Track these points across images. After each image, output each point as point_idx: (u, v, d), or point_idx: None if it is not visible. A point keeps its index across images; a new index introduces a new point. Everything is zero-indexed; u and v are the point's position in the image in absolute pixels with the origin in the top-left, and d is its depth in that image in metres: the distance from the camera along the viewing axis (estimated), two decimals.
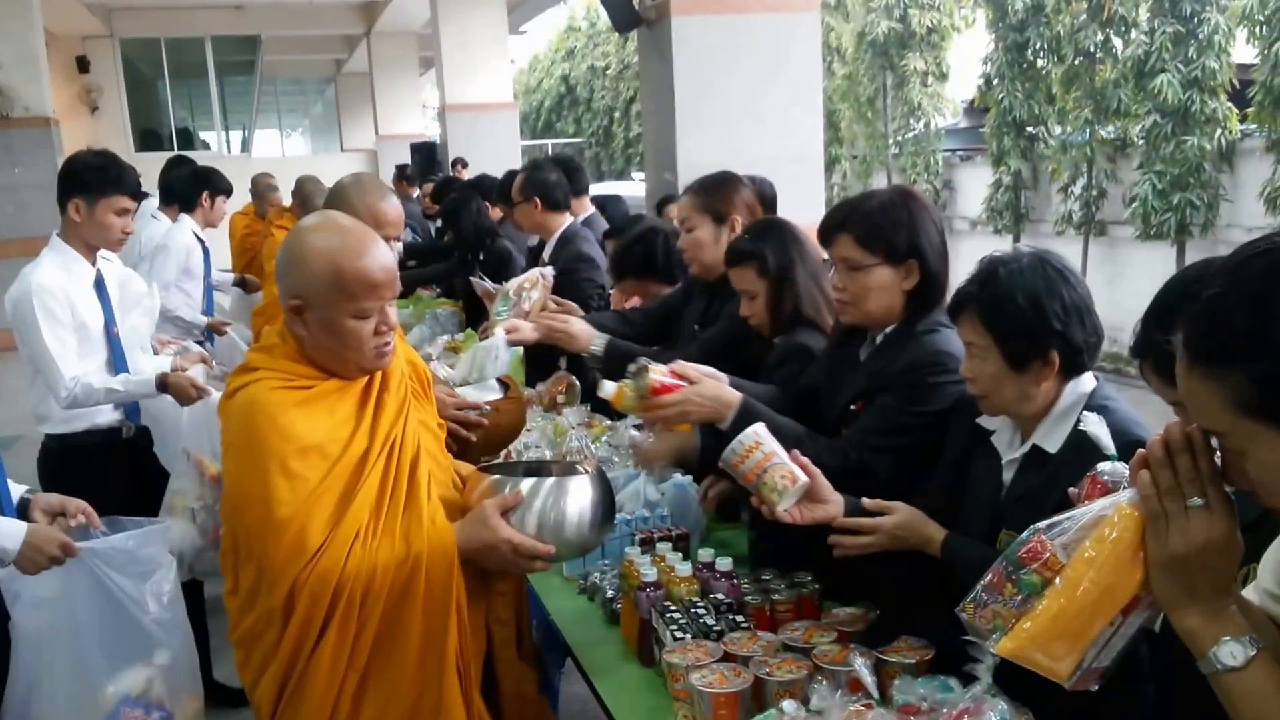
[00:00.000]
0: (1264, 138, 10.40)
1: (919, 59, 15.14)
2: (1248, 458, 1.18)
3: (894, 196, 2.50)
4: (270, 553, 2.03)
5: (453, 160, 13.43)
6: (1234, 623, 1.24)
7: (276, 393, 2.11)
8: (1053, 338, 2.02)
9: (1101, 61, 12.25)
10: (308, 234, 2.17)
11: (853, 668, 1.95)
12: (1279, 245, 1.16)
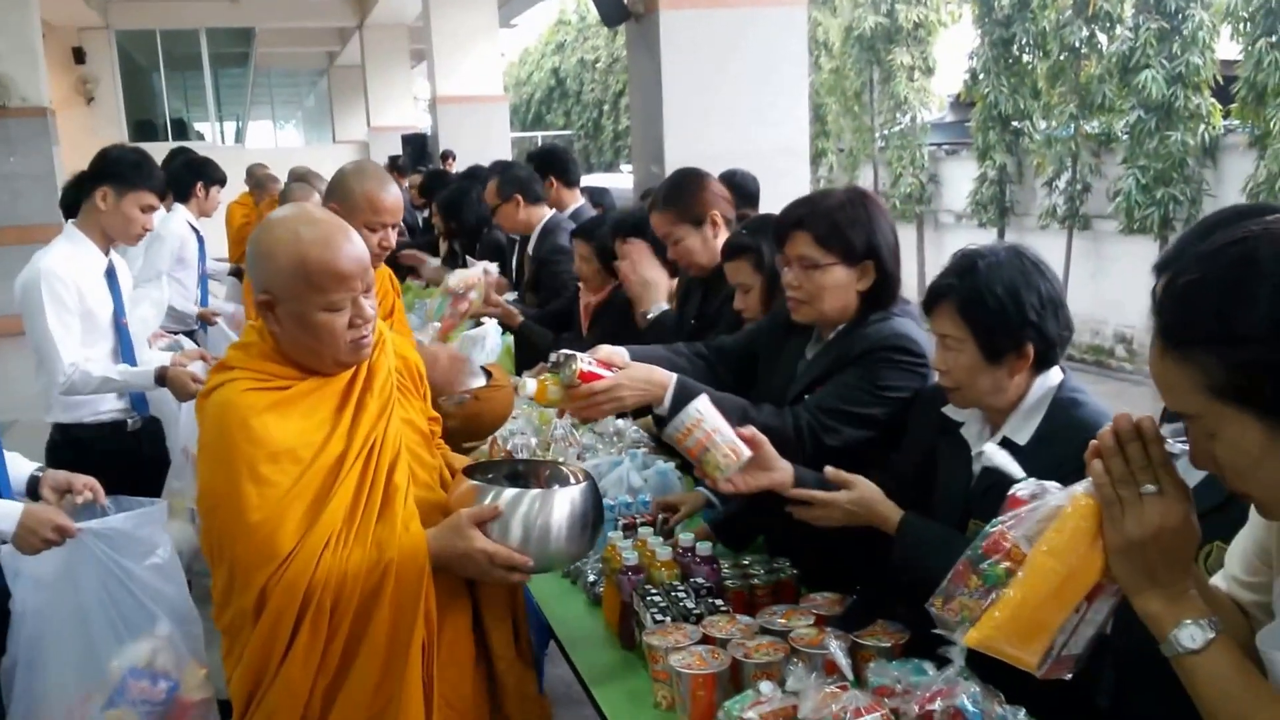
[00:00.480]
0: (1246, 133, 10.48)
1: (905, 54, 15.19)
2: (1216, 440, 1.22)
3: (851, 196, 2.53)
4: (240, 556, 2.01)
5: (441, 153, 13.47)
6: (1194, 606, 1.28)
7: (249, 394, 2.06)
8: (1029, 330, 2.06)
9: (1086, 57, 12.34)
10: (274, 227, 2.11)
11: (828, 650, 1.99)
12: (1253, 234, 1.20)
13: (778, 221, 2.60)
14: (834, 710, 1.80)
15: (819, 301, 2.49)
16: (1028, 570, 1.40)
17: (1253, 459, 1.19)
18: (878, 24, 15.26)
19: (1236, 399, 1.18)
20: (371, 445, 2.12)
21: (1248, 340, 1.15)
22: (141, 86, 21.66)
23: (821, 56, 17.11)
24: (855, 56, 15.93)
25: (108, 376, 3.60)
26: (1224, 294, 1.18)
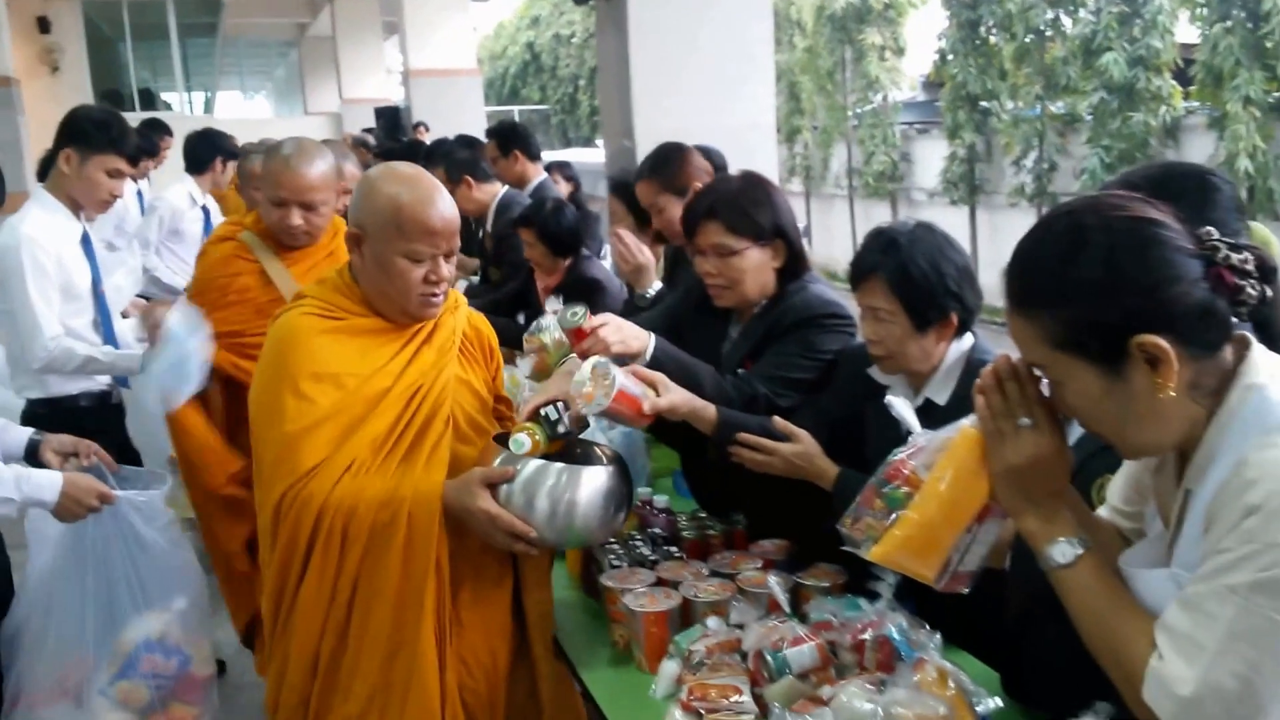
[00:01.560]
0: (1205, 115, 10.66)
1: (877, 34, 15.29)
2: (1064, 387, 1.38)
3: (748, 180, 2.66)
4: (267, 464, 2.12)
5: (414, 124, 13.45)
6: (1066, 525, 1.44)
7: (307, 318, 2.19)
8: (952, 300, 2.22)
9: (1051, 39, 12.46)
10: (381, 174, 2.23)
11: (771, 589, 2.15)
12: (1078, 209, 1.36)
13: (686, 215, 2.71)
14: (773, 640, 1.96)
15: (740, 285, 2.60)
16: (923, 494, 1.56)
17: (1094, 402, 1.35)
18: (849, 4, 15.33)
19: (1073, 351, 1.33)
20: (418, 390, 2.19)
21: (1075, 300, 1.31)
22: (108, 56, 21.35)
23: (795, 35, 17.20)
24: (828, 36, 16.01)
25: (92, 356, 3.43)
26: (1053, 260, 1.34)
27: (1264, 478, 1.23)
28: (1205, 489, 1.32)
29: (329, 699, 2.12)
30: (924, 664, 1.76)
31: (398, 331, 2.24)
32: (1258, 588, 1.22)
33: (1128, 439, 1.38)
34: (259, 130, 7.75)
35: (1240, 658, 1.23)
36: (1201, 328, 1.31)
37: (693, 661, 2.02)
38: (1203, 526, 1.31)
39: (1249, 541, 1.23)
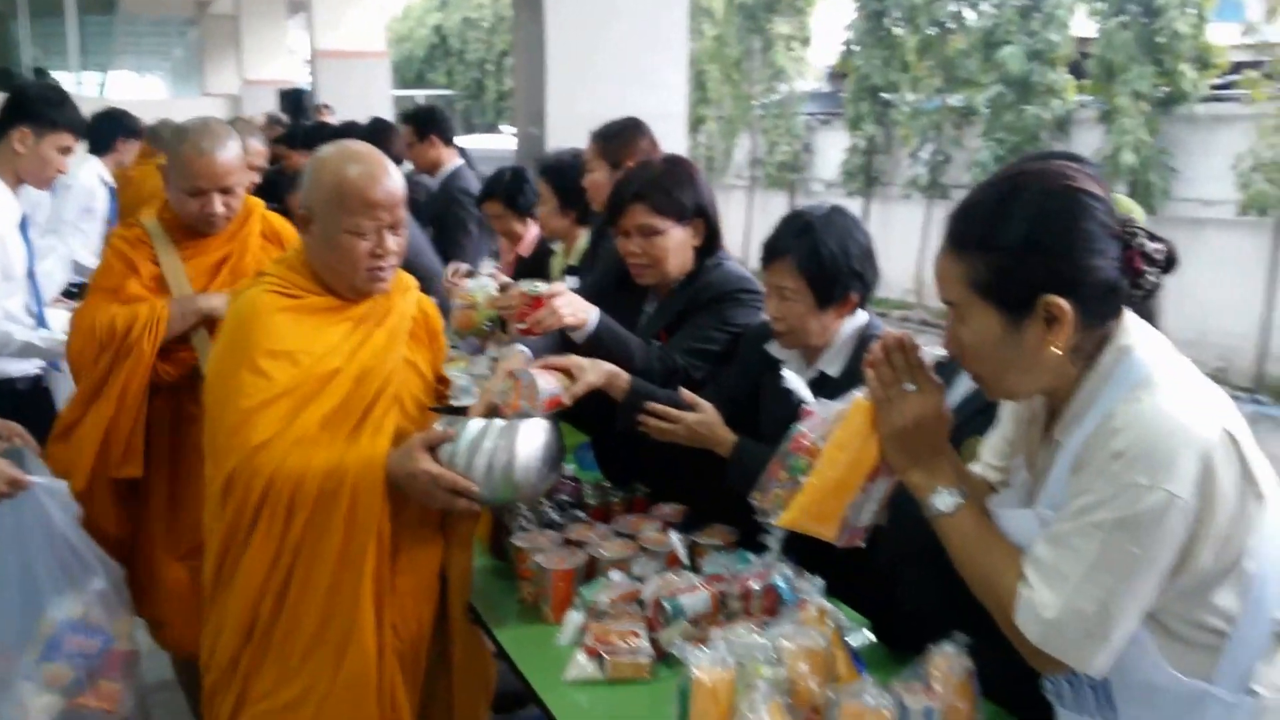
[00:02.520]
0: (1096, 108, 11.03)
1: (785, 24, 15.54)
2: (965, 326, 1.54)
3: (671, 163, 2.84)
4: (223, 439, 2.18)
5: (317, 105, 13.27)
6: (947, 478, 1.62)
7: (267, 296, 2.25)
8: (854, 279, 2.40)
9: (953, 32, 12.79)
10: (326, 153, 2.29)
11: (671, 545, 2.32)
12: (1028, 170, 1.53)
13: (611, 198, 2.85)
14: (670, 589, 2.12)
15: (663, 264, 2.76)
16: (822, 462, 1.73)
17: (989, 344, 1.52)
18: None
19: (987, 294, 1.50)
20: (367, 370, 2.27)
21: (1001, 249, 1.48)
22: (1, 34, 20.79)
23: (705, 24, 17.35)
24: (737, 25, 16.19)
25: (31, 343, 3.40)
26: (992, 210, 1.51)
27: (1128, 427, 1.42)
28: (1074, 439, 1.50)
29: (260, 659, 2.20)
30: (805, 604, 1.93)
31: (350, 310, 2.32)
32: (1119, 525, 1.40)
33: (1003, 381, 1.57)
34: (155, 112, 7.60)
35: (1100, 586, 1.42)
36: (1101, 302, 1.49)
37: (596, 611, 2.17)
38: (1070, 472, 1.49)
39: (1112, 483, 1.41)
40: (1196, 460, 1.39)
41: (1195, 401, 1.45)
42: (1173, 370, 1.49)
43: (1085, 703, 1.57)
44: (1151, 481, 1.39)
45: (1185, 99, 10.14)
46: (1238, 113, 9.70)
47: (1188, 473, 1.39)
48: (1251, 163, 9.24)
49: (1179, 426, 1.41)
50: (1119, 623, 1.43)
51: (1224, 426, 1.43)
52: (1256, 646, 1.47)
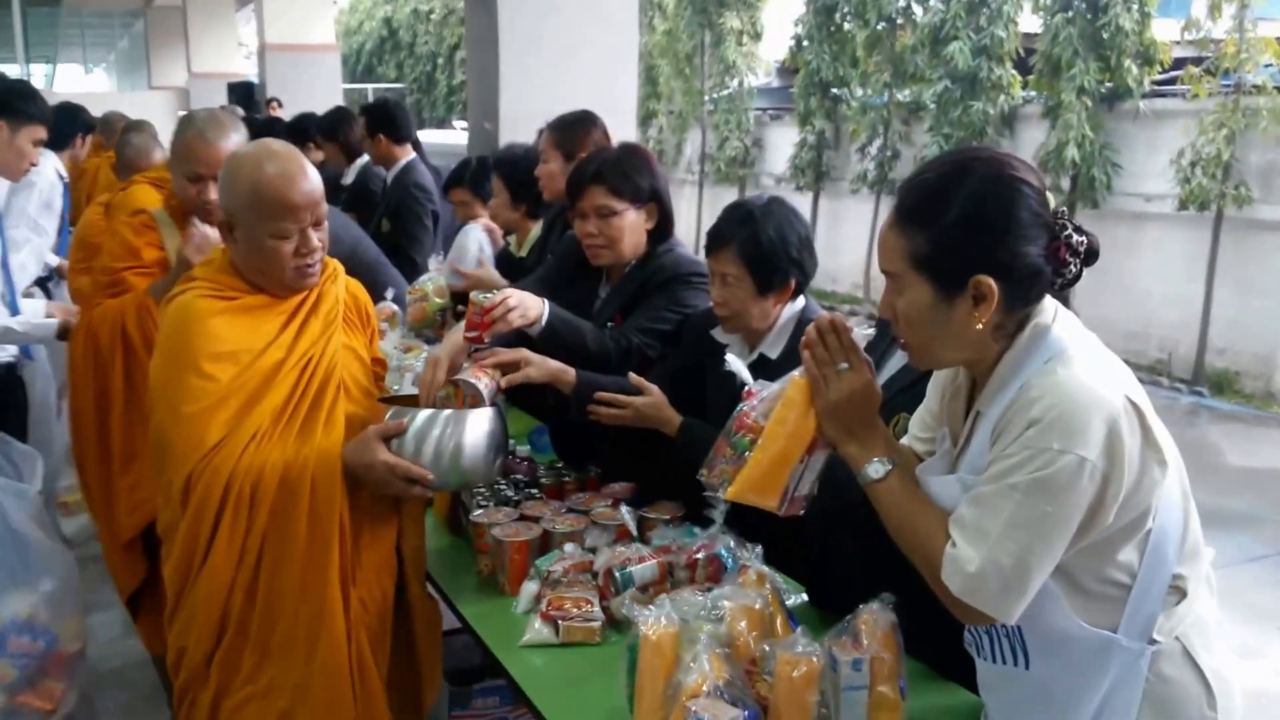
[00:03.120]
0: (1041, 104, 11.23)
1: (736, 18, 15.63)
2: (901, 296, 1.67)
3: (627, 149, 2.97)
4: (175, 443, 2.21)
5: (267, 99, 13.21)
6: (878, 448, 1.74)
7: (203, 300, 2.29)
8: (793, 266, 2.53)
9: (902, 27, 12.93)
10: (240, 157, 2.33)
11: (620, 518, 2.44)
12: (975, 155, 1.65)
13: (571, 180, 2.98)
14: (620, 559, 2.24)
15: (618, 244, 2.90)
16: (764, 438, 1.85)
17: (918, 313, 1.65)
18: None
19: (923, 269, 1.63)
20: (309, 359, 2.32)
21: (940, 227, 1.61)
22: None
23: (655, 18, 17.42)
24: (688, 19, 16.25)
25: (9, 327, 3.48)
26: (936, 189, 1.63)
27: (1043, 397, 1.55)
28: (994, 409, 1.64)
29: (238, 652, 2.24)
30: (746, 570, 2.06)
31: (283, 304, 2.36)
32: (1034, 486, 1.53)
33: (929, 350, 1.70)
34: (102, 104, 7.56)
35: (1016, 542, 1.55)
36: (1026, 286, 1.62)
37: (550, 580, 2.29)
38: (990, 440, 1.62)
39: (1028, 448, 1.54)
40: (1104, 426, 1.51)
41: (1103, 374, 1.58)
42: (1083, 347, 1.62)
43: (1001, 652, 1.71)
44: (1064, 446, 1.51)
45: (1129, 95, 10.35)
46: (1180, 109, 9.93)
47: (1097, 438, 1.51)
48: (1191, 158, 9.47)
49: (1088, 396, 1.53)
50: (1034, 575, 1.56)
51: (1128, 396, 1.56)
52: (1156, 599, 1.61)
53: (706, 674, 1.74)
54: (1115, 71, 10.36)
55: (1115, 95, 10.51)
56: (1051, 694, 1.67)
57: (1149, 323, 10.28)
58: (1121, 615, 1.61)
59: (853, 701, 1.85)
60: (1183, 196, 9.53)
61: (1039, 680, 1.67)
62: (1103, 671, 1.62)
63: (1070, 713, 1.65)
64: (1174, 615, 1.63)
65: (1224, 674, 1.67)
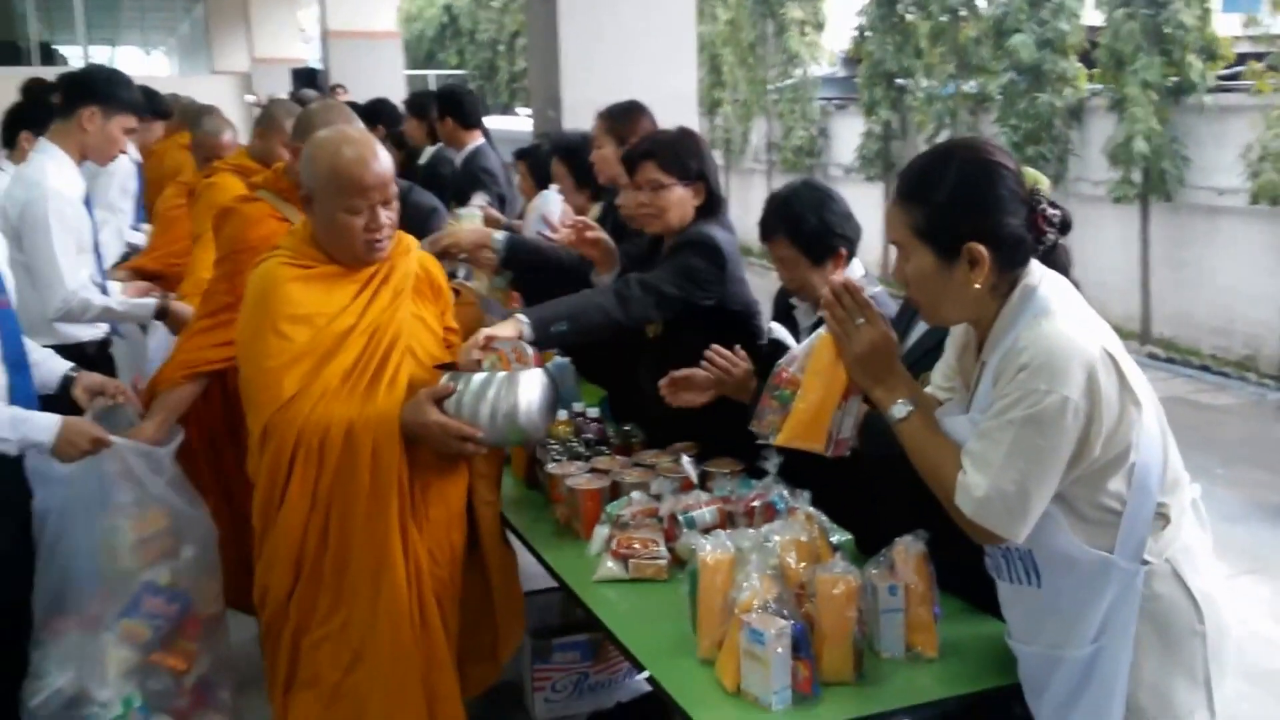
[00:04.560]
0: (1107, 97, 11.26)
1: (798, 9, 15.76)
2: (909, 263, 1.92)
3: (682, 132, 3.23)
4: (254, 395, 2.48)
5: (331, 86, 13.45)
6: (901, 391, 1.98)
7: (283, 267, 2.52)
8: (838, 238, 2.75)
9: (965, 19, 12.94)
10: (321, 139, 2.56)
11: (684, 469, 2.69)
12: (960, 143, 1.96)
13: (627, 155, 3.24)
14: (684, 505, 2.49)
15: (666, 215, 3.12)
16: (803, 389, 2.11)
17: (925, 278, 1.91)
18: None
19: (924, 238, 1.89)
20: (377, 326, 2.54)
21: (933, 203, 1.88)
22: (5, 7, 20.69)
23: (718, 8, 17.57)
24: (750, 9, 16.40)
25: (109, 306, 3.64)
26: (927, 172, 1.92)
27: (1030, 345, 1.80)
28: (994, 358, 1.89)
29: (313, 591, 2.48)
30: (795, 511, 2.30)
31: (356, 274, 2.57)
32: (1026, 421, 1.78)
33: (938, 309, 1.96)
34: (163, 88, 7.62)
35: (1016, 469, 1.79)
36: (1012, 251, 1.89)
37: (620, 523, 2.54)
38: (992, 383, 1.87)
39: (1020, 389, 1.79)
40: (1083, 370, 1.76)
41: (1082, 327, 1.83)
42: (1066, 304, 1.87)
43: (1017, 573, 1.95)
44: (1049, 387, 1.76)
45: (1193, 89, 10.35)
46: (1245, 103, 9.92)
47: (1078, 380, 1.76)
48: (1259, 153, 9.48)
49: (1069, 345, 1.78)
50: (1034, 499, 1.81)
51: (1104, 347, 1.81)
52: (1144, 524, 1.85)
53: (758, 591, 1.99)
54: (1179, 66, 10.37)
55: (1180, 89, 10.50)
56: (1061, 608, 1.90)
57: (1233, 319, 10.22)
58: (1116, 538, 1.85)
59: (892, 623, 2.12)
60: (1253, 191, 9.54)
61: (1050, 597, 1.91)
62: (1104, 588, 1.85)
63: (1078, 624, 1.88)
64: (1161, 539, 1.87)
65: (1211, 595, 1.90)
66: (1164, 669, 1.89)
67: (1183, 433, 2.00)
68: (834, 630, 2.04)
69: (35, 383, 2.92)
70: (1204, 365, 10.16)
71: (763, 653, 1.96)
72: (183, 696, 2.81)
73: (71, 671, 2.74)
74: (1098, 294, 11.32)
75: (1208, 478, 6.27)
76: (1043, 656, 1.95)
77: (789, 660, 1.97)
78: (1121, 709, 1.87)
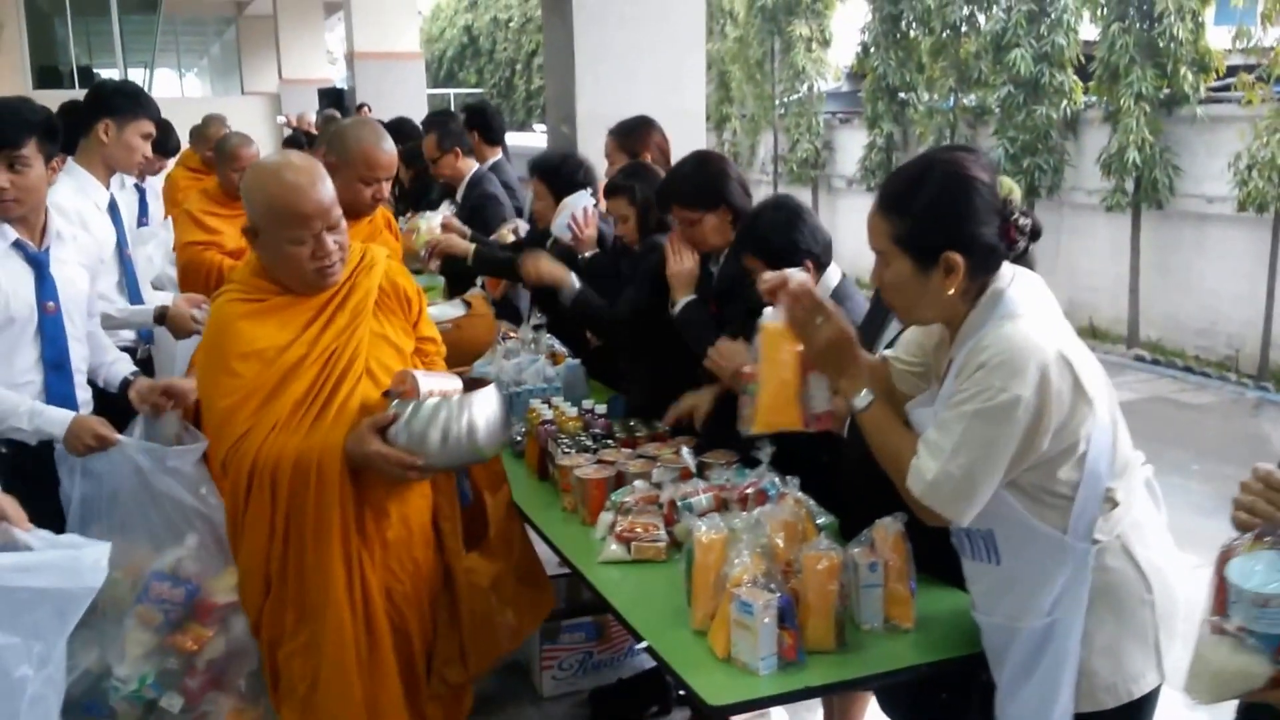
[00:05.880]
0: (1102, 109, 11.48)
1: (804, 26, 15.99)
2: (888, 268, 2.06)
3: (696, 163, 3.42)
4: (213, 434, 2.54)
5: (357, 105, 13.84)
6: (862, 383, 2.15)
7: (233, 304, 2.53)
8: (802, 254, 2.92)
9: (965, 34, 13.21)
10: (259, 170, 2.55)
11: (683, 460, 2.90)
12: (938, 157, 2.07)
13: (657, 199, 3.50)
14: (682, 492, 2.70)
15: (706, 242, 3.36)
16: (760, 377, 2.28)
17: (902, 282, 2.06)
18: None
19: (904, 247, 2.04)
20: (331, 353, 2.53)
21: (911, 214, 2.02)
22: (45, 32, 21.03)
23: (727, 25, 17.86)
24: (758, 27, 16.66)
25: (107, 313, 3.66)
26: (907, 184, 2.05)
27: (990, 346, 1.96)
28: (960, 355, 2.04)
29: (280, 608, 2.56)
30: (785, 496, 2.50)
31: (310, 301, 2.55)
32: (978, 414, 1.95)
33: (911, 311, 2.12)
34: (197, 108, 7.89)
35: (965, 458, 1.96)
36: (985, 260, 2.03)
37: (623, 509, 2.75)
38: (954, 378, 2.04)
39: (977, 385, 1.96)
40: (1038, 371, 1.91)
41: (1042, 331, 1.98)
42: (1032, 307, 2.02)
43: (979, 551, 2.14)
44: (1004, 385, 1.91)
45: (1186, 100, 10.60)
46: (1235, 114, 10.15)
47: (1031, 380, 1.90)
48: (1247, 161, 9.69)
49: (1027, 346, 1.92)
50: (979, 486, 1.96)
51: (1060, 349, 1.94)
52: (1094, 506, 2.02)
53: (748, 567, 2.19)
54: (1172, 78, 10.60)
55: (1173, 101, 10.75)
56: (1018, 583, 2.08)
57: (1217, 320, 10.49)
58: (1069, 520, 2.02)
59: (871, 597, 2.32)
60: (1241, 199, 9.75)
61: (1009, 573, 2.10)
62: (1059, 564, 2.03)
63: (1034, 598, 2.06)
64: (1110, 519, 2.04)
65: (1159, 566, 2.08)
66: (1116, 635, 2.06)
67: (1163, 430, 2.18)
68: (818, 602, 2.24)
69: (102, 380, 3.18)
70: (1188, 366, 10.44)
71: (751, 622, 2.16)
72: (193, 678, 2.89)
73: (96, 653, 2.86)
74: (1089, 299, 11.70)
75: (1183, 473, 6.60)
76: (1002, 628, 2.13)
77: (775, 629, 2.17)
78: (1074, 675, 2.05)
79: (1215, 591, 1.54)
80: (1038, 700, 2.07)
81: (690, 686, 2.18)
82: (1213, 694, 1.53)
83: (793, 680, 2.19)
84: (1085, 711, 2.08)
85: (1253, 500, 1.61)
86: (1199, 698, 1.55)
